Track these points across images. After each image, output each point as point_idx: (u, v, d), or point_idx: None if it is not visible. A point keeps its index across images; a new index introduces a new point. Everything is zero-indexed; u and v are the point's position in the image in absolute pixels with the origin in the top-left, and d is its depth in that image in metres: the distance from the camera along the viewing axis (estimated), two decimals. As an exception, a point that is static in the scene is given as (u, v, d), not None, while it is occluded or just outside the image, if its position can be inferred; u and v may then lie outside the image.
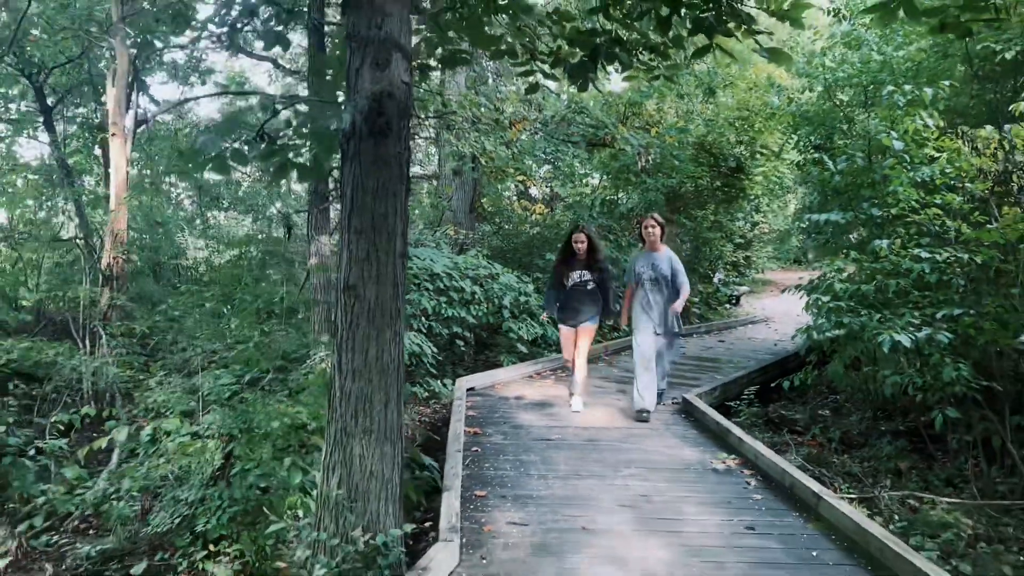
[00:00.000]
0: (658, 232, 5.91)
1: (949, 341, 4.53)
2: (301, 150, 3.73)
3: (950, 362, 4.53)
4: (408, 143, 3.44)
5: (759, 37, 3.64)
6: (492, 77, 12.48)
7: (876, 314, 5.04)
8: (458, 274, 8.11)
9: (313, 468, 4.23)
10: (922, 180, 5.47)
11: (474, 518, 3.75)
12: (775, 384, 6.76)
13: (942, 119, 5.80)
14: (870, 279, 5.34)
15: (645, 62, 4.25)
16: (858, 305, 5.24)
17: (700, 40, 3.72)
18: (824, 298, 5.44)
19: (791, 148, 12.27)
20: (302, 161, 3.72)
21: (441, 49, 4.40)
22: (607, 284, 5.99)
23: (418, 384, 7.13)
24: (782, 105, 10.59)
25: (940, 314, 4.77)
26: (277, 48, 6.12)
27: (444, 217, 13.28)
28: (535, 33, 4.38)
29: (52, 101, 12.61)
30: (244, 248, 11.82)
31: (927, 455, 5.50)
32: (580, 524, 3.70)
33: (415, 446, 5.44)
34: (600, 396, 6.68)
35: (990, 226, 4.88)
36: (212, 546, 4.08)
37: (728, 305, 15.73)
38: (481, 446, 5.05)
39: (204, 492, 4.32)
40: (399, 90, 3.33)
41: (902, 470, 5.25)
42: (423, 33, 4.38)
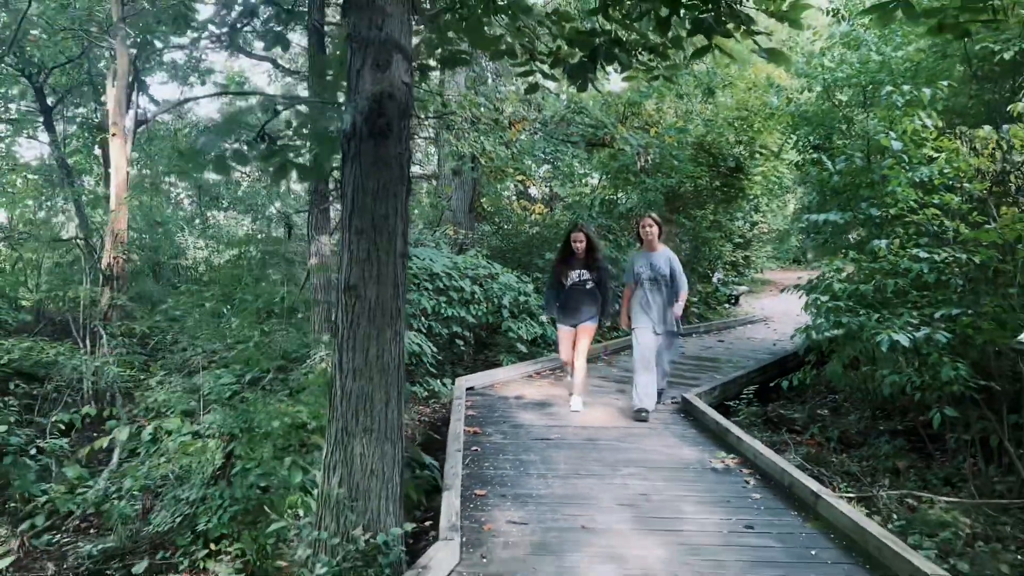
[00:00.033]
0: (656, 231, 5.91)
1: (947, 341, 4.53)
2: (301, 151, 3.75)
3: (948, 362, 4.54)
4: (408, 144, 3.46)
5: (758, 38, 3.65)
6: (491, 77, 12.49)
7: (875, 314, 5.06)
8: (458, 274, 8.12)
9: (313, 467, 4.24)
10: (920, 180, 5.47)
11: (474, 517, 3.77)
12: (774, 384, 6.77)
13: (941, 119, 5.81)
14: (869, 279, 5.34)
15: (644, 62, 4.26)
16: (857, 305, 5.25)
17: (699, 40, 3.72)
18: (823, 298, 5.45)
19: (790, 148, 12.30)
20: (302, 162, 3.74)
21: (441, 49, 4.40)
22: (605, 284, 6.00)
23: (418, 383, 7.14)
24: (781, 105, 10.60)
25: (938, 314, 4.78)
26: (277, 48, 6.15)
27: (443, 217, 13.30)
28: (534, 33, 4.38)
29: (52, 101, 12.63)
30: (244, 248, 11.84)
31: (925, 454, 5.52)
32: (580, 523, 3.71)
33: (415, 445, 5.45)
34: (599, 395, 6.69)
35: (988, 226, 4.89)
36: (213, 545, 4.09)
37: (727, 305, 15.75)
38: (481, 445, 5.07)
39: (205, 491, 4.33)
40: (399, 91, 3.34)
41: (900, 469, 5.27)
42: (423, 34, 4.39)
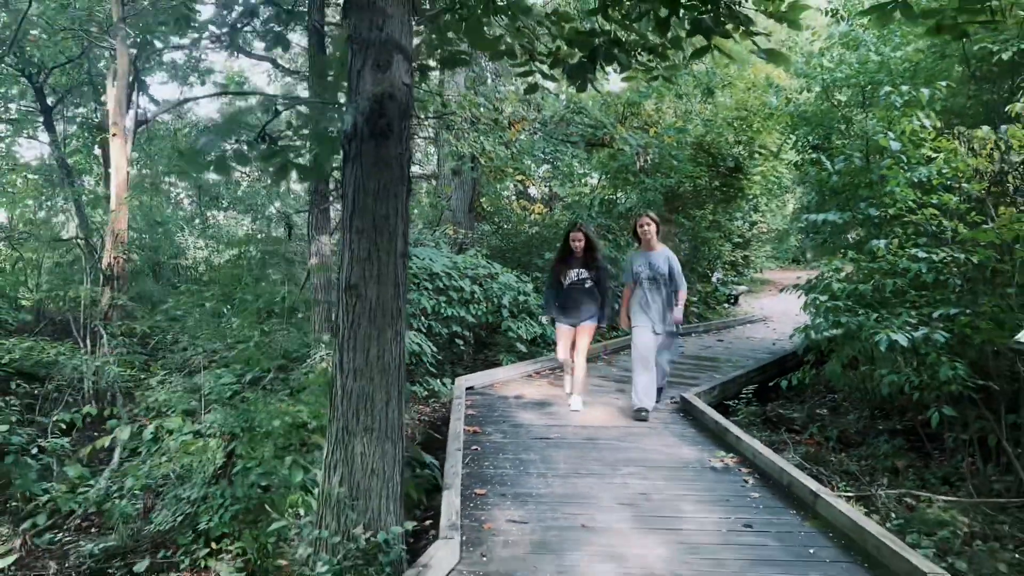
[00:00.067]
0: (653, 230, 5.88)
1: (946, 340, 4.55)
2: (302, 151, 3.76)
3: (946, 361, 4.56)
4: (409, 144, 3.47)
5: (757, 38, 3.66)
6: (491, 77, 12.50)
7: (873, 313, 5.07)
8: (457, 273, 8.13)
9: (314, 466, 4.26)
10: (919, 180, 5.49)
11: (474, 516, 3.78)
12: (773, 383, 6.79)
13: (939, 120, 5.82)
14: (867, 279, 5.36)
15: (644, 63, 4.27)
16: (856, 305, 5.27)
17: (698, 41, 3.73)
18: (822, 297, 5.46)
19: (789, 148, 12.31)
20: (302, 162, 3.75)
21: (440, 50, 4.42)
22: (604, 283, 6.00)
23: (418, 383, 7.15)
24: (780, 105, 10.61)
25: (937, 313, 4.80)
26: (277, 48, 6.16)
27: (443, 217, 13.31)
28: (534, 34, 4.39)
29: (52, 101, 12.64)
30: (244, 248, 11.85)
31: (924, 453, 5.54)
32: (580, 522, 3.72)
33: (415, 444, 5.46)
34: (599, 395, 6.70)
35: (986, 226, 4.91)
36: (214, 544, 4.11)
37: (726, 304, 15.78)
38: (481, 445, 5.08)
39: (206, 490, 4.35)
40: (400, 92, 3.35)
41: (899, 468, 5.28)
42: (423, 34, 4.41)
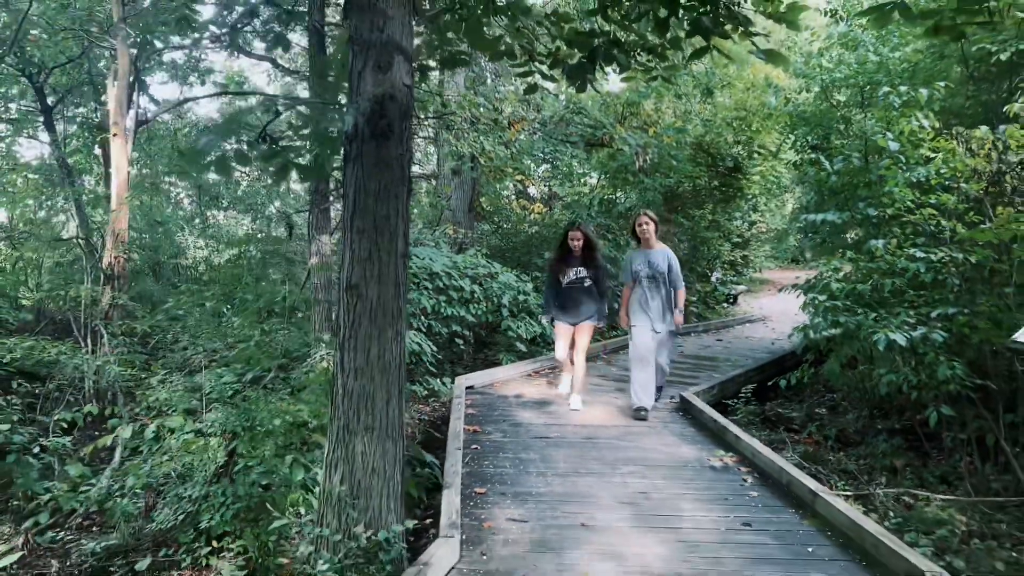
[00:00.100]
0: (652, 228, 5.89)
1: (944, 340, 4.57)
2: (302, 151, 3.78)
3: (945, 361, 4.57)
4: (409, 145, 3.48)
5: (756, 39, 3.68)
6: (491, 77, 12.51)
7: (872, 313, 5.09)
8: (457, 273, 8.14)
9: (315, 465, 4.28)
10: (917, 180, 5.51)
11: (474, 515, 3.79)
12: (772, 382, 6.80)
13: (937, 120, 5.84)
14: (866, 278, 5.38)
15: (643, 63, 4.29)
16: (854, 304, 5.29)
17: (697, 41, 3.74)
18: (821, 297, 5.48)
19: (788, 148, 12.31)
20: (303, 162, 3.76)
21: (440, 50, 4.43)
22: (602, 282, 6.01)
23: (418, 382, 7.17)
24: (779, 105, 10.61)
25: (935, 313, 4.81)
26: (277, 48, 6.18)
27: (443, 216, 13.32)
28: (534, 34, 4.41)
29: (52, 101, 12.64)
30: (244, 247, 11.87)
31: (922, 453, 5.55)
32: (579, 521, 3.74)
33: (416, 443, 5.48)
34: (598, 394, 6.72)
35: (984, 226, 4.93)
36: (216, 542, 4.13)
37: (726, 304, 15.79)
38: (481, 444, 5.09)
39: (207, 489, 4.37)
40: (401, 92, 3.37)
41: (897, 467, 5.30)
42: (423, 35, 4.42)
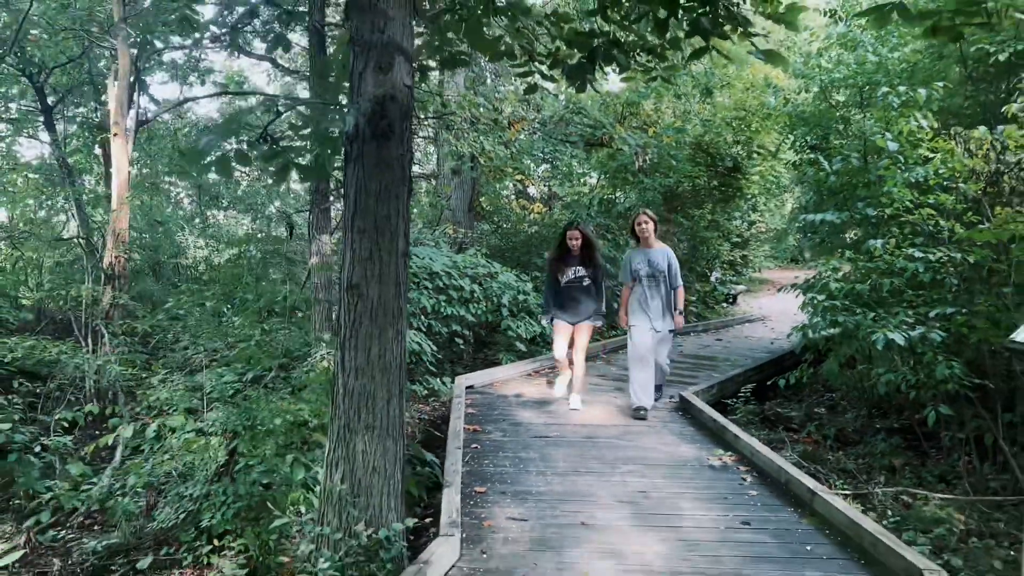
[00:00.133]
0: (651, 227, 5.89)
1: (942, 339, 4.58)
2: (303, 151, 3.79)
3: (943, 360, 4.58)
4: (410, 145, 3.50)
5: (755, 39, 3.69)
6: (491, 77, 12.53)
7: (871, 313, 5.11)
8: (457, 273, 8.16)
9: (315, 464, 4.29)
10: (916, 181, 5.52)
11: (474, 513, 3.81)
12: (771, 382, 6.81)
13: (936, 120, 5.85)
14: (865, 278, 5.39)
15: (642, 63, 4.30)
16: (853, 304, 5.30)
17: (697, 42, 3.76)
18: (820, 297, 5.50)
19: (787, 148, 12.33)
20: (303, 162, 3.78)
21: (440, 51, 4.45)
22: (600, 282, 6.02)
23: (418, 382, 7.18)
24: (778, 105, 10.62)
25: (933, 313, 4.83)
26: (277, 48, 6.19)
27: (443, 216, 13.33)
28: (534, 35, 4.42)
29: (52, 101, 12.64)
30: (244, 247, 11.87)
31: (921, 452, 5.57)
32: (579, 519, 3.75)
33: (416, 443, 5.49)
34: (598, 394, 6.73)
35: (982, 226, 4.94)
36: (217, 541, 4.14)
37: (725, 304, 15.80)
38: (481, 443, 5.11)
39: (208, 488, 4.38)
40: (401, 93, 3.38)
41: (896, 467, 5.32)
42: (423, 35, 4.44)
